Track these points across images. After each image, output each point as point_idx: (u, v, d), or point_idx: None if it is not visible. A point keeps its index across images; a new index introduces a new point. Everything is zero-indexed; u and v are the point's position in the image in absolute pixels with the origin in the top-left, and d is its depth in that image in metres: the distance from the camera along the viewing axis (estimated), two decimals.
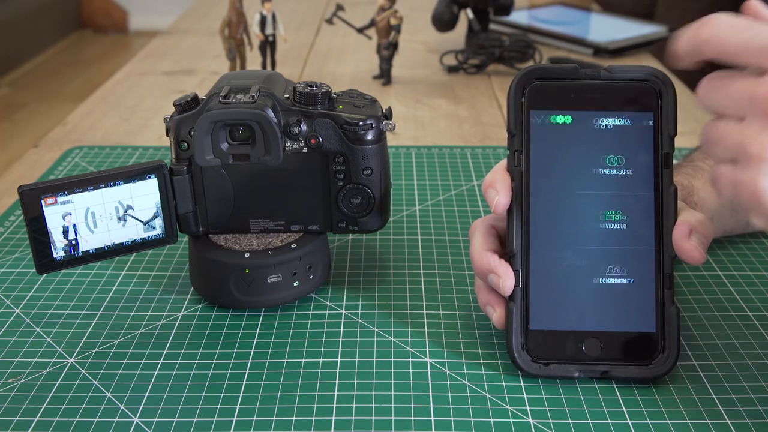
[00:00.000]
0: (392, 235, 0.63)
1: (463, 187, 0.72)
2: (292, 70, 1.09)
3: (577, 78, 0.47)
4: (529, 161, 0.47)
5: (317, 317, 0.53)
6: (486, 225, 0.50)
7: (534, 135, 0.47)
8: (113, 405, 0.44)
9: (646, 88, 0.47)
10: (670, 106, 0.46)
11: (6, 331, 0.51)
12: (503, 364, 0.48)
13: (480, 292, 0.49)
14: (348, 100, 0.53)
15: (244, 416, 0.44)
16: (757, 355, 0.49)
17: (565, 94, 0.47)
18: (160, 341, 0.50)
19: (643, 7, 1.67)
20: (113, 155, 0.79)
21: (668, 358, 0.45)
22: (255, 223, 0.54)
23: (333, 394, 0.45)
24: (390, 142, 0.79)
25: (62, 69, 3.45)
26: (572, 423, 0.43)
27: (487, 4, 1.11)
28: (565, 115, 0.47)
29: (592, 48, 1.14)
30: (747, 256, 0.60)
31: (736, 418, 0.43)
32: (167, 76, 1.07)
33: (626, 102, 0.47)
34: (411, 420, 0.43)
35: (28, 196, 0.47)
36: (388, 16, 0.97)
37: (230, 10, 0.93)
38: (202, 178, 0.52)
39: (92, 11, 4.00)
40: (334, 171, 0.53)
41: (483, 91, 1.01)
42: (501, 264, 0.47)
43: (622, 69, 0.47)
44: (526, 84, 0.47)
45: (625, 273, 0.46)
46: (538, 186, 0.47)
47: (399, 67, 1.07)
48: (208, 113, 0.50)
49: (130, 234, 0.51)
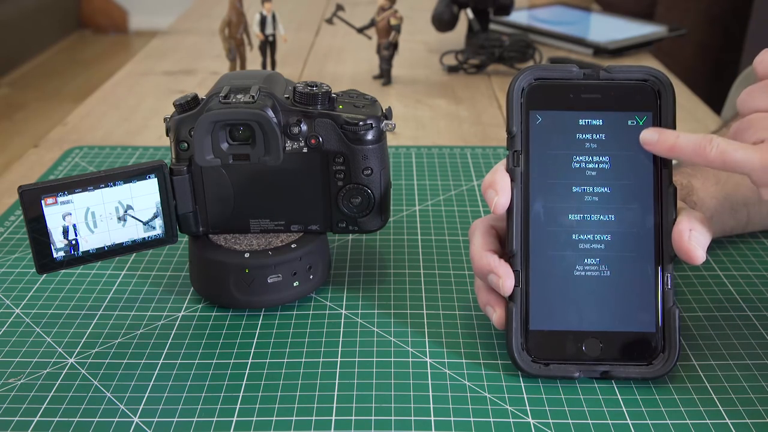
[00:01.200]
0: (392, 235, 0.63)
1: (463, 187, 0.72)
2: (292, 70, 1.09)
3: (577, 78, 0.47)
4: (528, 161, 0.47)
5: (317, 317, 0.53)
6: (486, 225, 0.50)
7: (533, 135, 0.47)
8: (113, 405, 0.44)
9: (645, 88, 0.47)
10: (669, 106, 0.46)
11: (6, 331, 0.51)
12: (503, 364, 0.48)
13: (480, 293, 0.49)
14: (348, 100, 0.53)
15: (244, 416, 0.44)
16: (757, 355, 0.49)
17: (564, 94, 0.47)
18: (160, 341, 0.50)
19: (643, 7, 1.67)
20: (113, 155, 0.79)
21: (668, 358, 0.45)
22: (255, 223, 0.54)
23: (333, 394, 0.45)
24: (390, 142, 0.79)
25: (62, 69, 3.45)
26: (572, 423, 0.43)
27: (487, 4, 1.11)
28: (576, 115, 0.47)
29: (592, 48, 1.14)
30: (747, 256, 0.60)
31: (736, 418, 0.43)
32: (167, 76, 1.07)
33: (625, 102, 0.47)
34: (411, 420, 0.43)
35: (28, 196, 0.47)
36: (388, 16, 0.97)
37: (230, 10, 0.93)
38: (202, 178, 0.52)
39: (92, 11, 4.00)
40: (334, 171, 0.53)
41: (483, 91, 1.01)
42: (501, 264, 0.47)
43: (621, 69, 0.47)
44: (525, 84, 0.47)
45: (626, 273, 0.46)
46: (538, 186, 0.47)
47: (399, 67, 1.07)
48: (208, 113, 0.50)
49: (130, 234, 0.51)
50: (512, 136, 0.47)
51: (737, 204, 0.58)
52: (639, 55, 1.16)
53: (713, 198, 0.56)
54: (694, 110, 0.92)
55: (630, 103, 0.47)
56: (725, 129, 0.62)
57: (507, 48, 1.06)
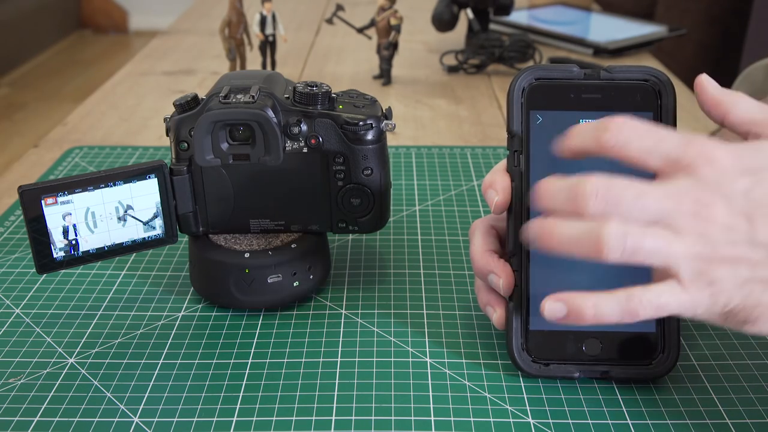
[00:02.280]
0: (392, 235, 0.63)
1: (463, 187, 0.72)
2: (292, 70, 1.09)
3: (577, 78, 0.47)
4: (528, 161, 0.47)
5: (317, 317, 0.53)
6: (486, 225, 0.50)
7: (534, 135, 0.47)
8: (113, 405, 0.44)
9: (645, 88, 0.47)
10: (669, 106, 0.46)
11: (6, 331, 0.51)
12: (503, 364, 0.48)
13: (480, 293, 0.49)
14: (348, 100, 0.53)
15: (244, 416, 0.44)
16: (757, 355, 0.49)
17: (564, 94, 0.47)
18: (160, 341, 0.50)
19: (643, 7, 1.67)
20: (113, 155, 0.79)
21: (668, 359, 0.45)
22: (255, 223, 0.54)
23: (333, 394, 0.45)
24: (390, 142, 0.79)
25: (62, 69, 3.45)
26: (572, 423, 0.43)
27: (487, 4, 1.11)
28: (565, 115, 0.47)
29: (592, 48, 1.14)
30: None
31: (736, 418, 0.43)
32: (167, 76, 1.07)
33: (626, 102, 0.47)
34: (411, 420, 0.43)
35: (28, 196, 0.47)
36: (388, 16, 0.97)
37: (230, 10, 0.93)
38: (202, 178, 0.52)
39: (92, 11, 4.00)
40: (334, 171, 0.53)
41: (483, 91, 1.01)
42: (501, 264, 0.47)
43: (621, 69, 0.47)
44: (525, 84, 0.47)
45: (625, 272, 0.46)
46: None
47: (399, 67, 1.07)
48: (208, 113, 0.50)
49: (130, 234, 0.51)
50: (512, 136, 0.47)
51: None
52: (639, 55, 1.16)
53: None
54: (694, 110, 0.92)
55: (631, 103, 0.47)
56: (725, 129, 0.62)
57: (507, 48, 1.06)
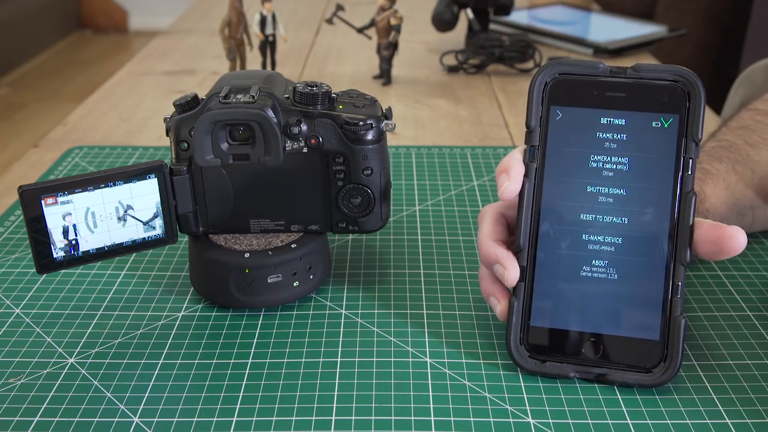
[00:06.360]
0: (392, 235, 0.63)
1: (463, 187, 0.72)
2: (292, 70, 1.09)
3: (603, 75, 0.46)
4: (545, 157, 0.46)
5: (317, 317, 0.53)
6: (496, 212, 0.49)
7: (552, 131, 0.46)
8: (113, 405, 0.44)
9: (673, 90, 0.45)
10: (698, 109, 0.44)
11: (6, 331, 0.51)
12: (503, 364, 0.48)
13: (484, 281, 0.49)
14: (348, 100, 0.53)
15: (244, 416, 0.44)
16: (757, 355, 0.49)
17: (588, 90, 0.46)
18: (160, 341, 0.50)
19: (643, 7, 1.67)
20: (113, 155, 0.79)
21: (668, 368, 0.44)
22: (255, 223, 0.54)
23: (333, 394, 0.45)
24: (390, 142, 0.79)
25: (62, 69, 3.45)
26: (572, 423, 0.43)
27: (487, 4, 1.11)
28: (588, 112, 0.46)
29: (592, 48, 1.14)
30: (747, 256, 0.60)
31: (736, 418, 0.43)
32: (167, 76, 1.07)
33: (651, 103, 0.45)
34: (411, 420, 0.43)
35: (28, 196, 0.47)
36: (388, 16, 0.97)
37: (230, 10, 0.93)
38: (202, 178, 0.52)
39: (92, 11, 4.00)
40: (334, 171, 0.53)
41: (483, 91, 1.01)
42: (508, 256, 0.46)
43: (650, 68, 0.45)
44: (548, 78, 0.46)
45: (634, 278, 0.45)
46: (552, 183, 0.46)
47: (399, 67, 1.07)
48: (208, 113, 0.50)
49: (130, 234, 0.51)
50: (530, 131, 0.46)
51: (744, 208, 0.58)
52: (639, 55, 1.16)
53: (724, 203, 0.56)
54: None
55: (657, 104, 0.45)
56: (725, 129, 0.62)
57: (507, 48, 1.06)
